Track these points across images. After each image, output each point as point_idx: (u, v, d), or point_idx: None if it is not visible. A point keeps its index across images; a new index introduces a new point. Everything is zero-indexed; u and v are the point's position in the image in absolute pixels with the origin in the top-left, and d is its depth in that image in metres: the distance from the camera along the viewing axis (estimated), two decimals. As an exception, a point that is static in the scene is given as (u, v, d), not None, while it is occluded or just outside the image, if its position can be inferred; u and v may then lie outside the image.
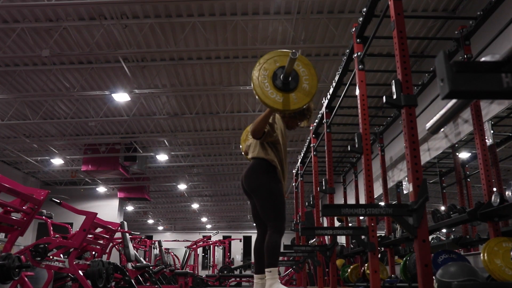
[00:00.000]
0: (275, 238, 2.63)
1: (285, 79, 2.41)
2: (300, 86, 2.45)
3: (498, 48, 4.15)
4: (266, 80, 2.41)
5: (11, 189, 3.29)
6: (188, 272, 9.17)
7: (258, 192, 2.75)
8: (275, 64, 2.46)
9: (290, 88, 2.42)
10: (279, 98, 2.39)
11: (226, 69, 8.13)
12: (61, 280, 4.99)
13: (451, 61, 1.49)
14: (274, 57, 2.49)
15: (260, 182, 2.73)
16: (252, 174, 2.78)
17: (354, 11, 6.52)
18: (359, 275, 5.64)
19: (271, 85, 2.40)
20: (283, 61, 2.46)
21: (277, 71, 2.44)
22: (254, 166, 2.80)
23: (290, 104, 2.40)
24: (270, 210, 2.71)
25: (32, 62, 7.89)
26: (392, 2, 2.52)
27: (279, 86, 2.41)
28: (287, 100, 2.39)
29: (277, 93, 2.40)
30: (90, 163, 11.87)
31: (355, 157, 7.80)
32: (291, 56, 2.25)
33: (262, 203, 2.74)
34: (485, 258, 2.66)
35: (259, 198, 2.75)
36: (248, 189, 2.82)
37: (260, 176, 2.74)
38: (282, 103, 2.39)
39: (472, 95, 1.53)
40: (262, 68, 2.45)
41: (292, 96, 2.41)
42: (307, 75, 2.49)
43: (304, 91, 2.44)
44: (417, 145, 2.23)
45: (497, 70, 1.42)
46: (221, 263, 17.82)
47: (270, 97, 2.38)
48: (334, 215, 4.31)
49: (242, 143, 3.53)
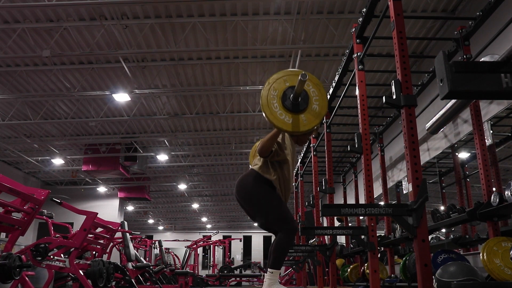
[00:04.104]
0: (283, 240, 2.55)
1: (294, 100, 2.34)
2: (310, 107, 2.38)
3: (497, 48, 4.16)
4: (275, 100, 2.35)
5: (12, 189, 3.30)
6: (188, 272, 9.18)
7: (251, 201, 2.65)
8: (285, 84, 2.40)
9: (299, 109, 2.35)
10: (288, 119, 2.32)
11: (226, 69, 8.14)
12: (62, 280, 5.00)
13: (450, 61, 1.51)
14: (284, 76, 2.43)
15: (251, 191, 2.63)
16: (243, 183, 2.68)
17: (354, 11, 6.53)
18: (358, 275, 5.65)
19: (280, 106, 2.34)
20: (293, 81, 2.39)
21: (286, 91, 2.38)
22: (247, 175, 2.70)
23: (299, 126, 2.33)
24: (271, 216, 2.61)
25: (33, 62, 7.89)
26: (392, 3, 2.54)
27: (288, 107, 2.34)
28: (296, 121, 2.33)
29: (286, 114, 2.33)
30: (91, 163, 11.88)
31: (355, 157, 7.81)
32: (301, 78, 2.19)
33: (260, 212, 2.65)
34: (484, 258, 2.67)
35: (255, 208, 2.66)
36: (240, 199, 2.71)
37: (251, 185, 2.64)
38: (291, 124, 2.32)
39: (472, 95, 1.54)
40: (272, 87, 2.38)
41: (301, 118, 2.35)
42: (317, 96, 2.42)
43: (314, 112, 2.38)
44: (416, 145, 2.24)
45: (497, 71, 1.43)
46: (221, 263, 17.83)
47: (279, 118, 2.32)
48: (334, 215, 4.32)
49: (251, 158, 3.44)
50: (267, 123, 11.25)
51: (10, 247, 3.47)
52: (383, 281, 4.67)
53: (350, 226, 7.88)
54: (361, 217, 6.57)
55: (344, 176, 8.91)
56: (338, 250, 6.69)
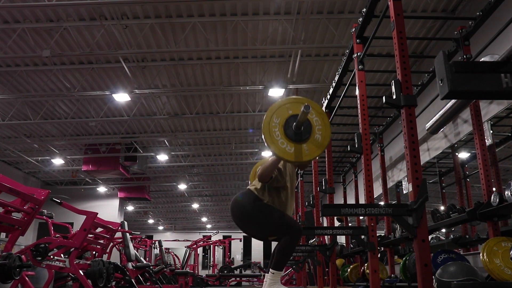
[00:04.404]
0: (288, 243, 2.55)
1: (297, 129, 2.29)
2: (312, 136, 2.32)
3: (497, 48, 4.16)
4: (278, 128, 2.29)
5: (12, 189, 3.30)
6: (188, 272, 9.18)
7: (251, 220, 2.62)
8: (288, 112, 2.34)
9: (302, 138, 2.30)
10: (289, 149, 2.27)
11: (226, 69, 8.14)
12: (62, 280, 5.00)
13: (450, 61, 1.51)
14: (287, 104, 2.37)
15: (250, 211, 2.60)
16: (239, 204, 2.66)
17: (354, 11, 6.53)
18: (358, 275, 5.65)
19: (282, 134, 2.29)
20: (296, 109, 2.33)
21: (289, 120, 2.31)
22: (243, 195, 2.68)
23: (301, 156, 2.28)
24: (276, 227, 2.58)
25: (33, 62, 7.90)
26: (392, 3, 2.54)
27: (290, 136, 2.28)
28: (298, 151, 2.28)
29: (288, 143, 2.28)
30: (91, 163, 11.88)
31: (355, 157, 7.81)
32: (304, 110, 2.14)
33: (263, 227, 2.62)
34: (484, 258, 2.67)
35: (256, 225, 2.63)
36: (238, 221, 2.69)
37: (248, 204, 2.62)
38: (293, 154, 2.27)
39: (472, 95, 1.54)
40: (274, 115, 2.33)
41: (303, 147, 2.29)
42: (320, 125, 2.36)
43: (317, 142, 2.32)
44: (416, 145, 2.24)
45: (497, 71, 1.43)
46: (221, 263, 17.83)
47: (280, 147, 2.27)
48: (334, 215, 4.32)
49: (252, 179, 3.36)
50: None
51: (10, 247, 3.47)
52: (383, 281, 4.67)
53: (350, 226, 7.89)
54: (361, 217, 6.57)
55: (344, 176, 8.91)
56: (338, 250, 6.69)
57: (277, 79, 8.18)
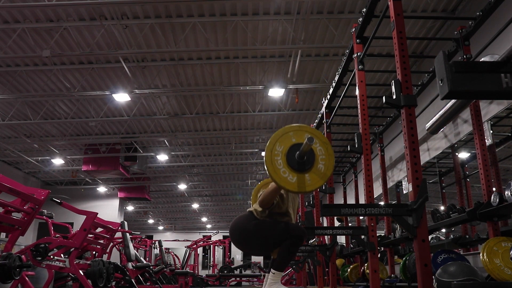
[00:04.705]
0: (292, 245, 2.56)
1: (300, 158, 2.25)
2: (315, 166, 2.27)
3: (497, 48, 4.16)
4: (280, 157, 2.25)
5: (12, 189, 3.30)
6: (188, 272, 9.18)
7: (252, 238, 2.61)
8: (291, 140, 2.29)
9: (305, 168, 2.25)
10: (291, 178, 2.23)
11: (226, 69, 8.14)
12: (62, 280, 5.00)
13: (450, 61, 1.51)
14: (290, 131, 2.32)
15: (250, 230, 2.60)
16: (237, 226, 2.65)
17: (354, 11, 6.53)
18: (358, 275, 5.65)
19: (284, 163, 2.24)
20: (300, 137, 2.29)
21: (292, 148, 2.27)
22: (241, 217, 2.68)
23: (303, 186, 2.23)
24: (277, 240, 2.58)
25: (33, 62, 7.90)
26: (392, 3, 2.53)
27: (293, 166, 2.24)
28: (300, 181, 2.23)
29: (291, 172, 2.23)
30: (91, 163, 11.89)
31: (355, 157, 7.80)
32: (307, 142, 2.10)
33: (268, 241, 2.61)
34: (484, 258, 2.67)
35: (259, 243, 2.63)
36: (238, 244, 2.68)
37: (247, 224, 2.61)
38: (295, 184, 2.23)
39: (472, 95, 1.54)
40: (277, 143, 2.28)
41: (306, 177, 2.24)
42: (324, 155, 2.31)
43: (319, 172, 2.27)
44: (416, 145, 2.24)
45: (497, 71, 1.43)
46: (221, 263, 17.83)
47: (282, 176, 2.22)
48: (334, 215, 4.32)
49: (253, 201, 3.31)
50: (267, 122, 11.22)
51: (10, 247, 3.47)
52: (383, 281, 4.67)
53: (350, 226, 7.88)
54: (361, 217, 6.57)
55: (344, 176, 8.90)
56: (338, 250, 6.69)
57: (277, 79, 8.18)
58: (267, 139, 11.89)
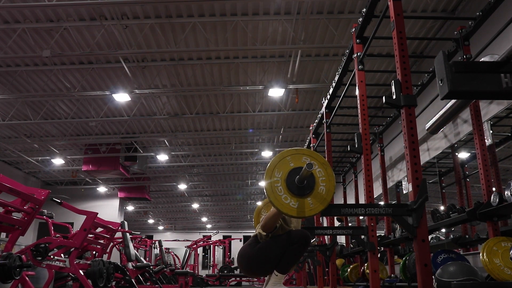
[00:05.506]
0: (297, 249, 2.63)
1: (300, 183, 2.22)
2: (316, 189, 2.24)
3: (497, 48, 4.16)
4: (280, 183, 2.23)
5: (12, 189, 3.30)
6: (188, 272, 9.17)
7: (259, 262, 2.67)
8: (289, 165, 2.27)
9: (305, 192, 2.23)
10: (293, 204, 2.20)
11: (226, 69, 8.14)
12: (62, 280, 5.00)
13: (450, 61, 1.51)
14: (287, 156, 2.30)
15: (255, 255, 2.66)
16: (243, 253, 2.72)
17: (354, 11, 6.53)
18: (358, 275, 5.65)
19: (285, 189, 2.22)
20: (298, 161, 2.28)
21: (291, 173, 2.25)
22: (246, 245, 2.75)
23: (305, 211, 2.21)
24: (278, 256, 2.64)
25: (33, 62, 7.90)
26: (392, 3, 2.54)
27: (294, 191, 2.21)
28: (302, 206, 2.21)
29: (292, 198, 2.21)
30: (91, 163, 11.89)
31: (355, 157, 7.81)
32: (306, 168, 2.09)
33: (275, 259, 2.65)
34: (484, 258, 2.68)
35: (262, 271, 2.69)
36: (246, 271, 2.78)
37: (252, 251, 2.69)
38: (297, 209, 2.20)
39: (471, 95, 1.54)
40: (276, 169, 2.26)
41: (307, 202, 2.22)
42: (324, 176, 2.27)
43: (321, 196, 2.24)
44: (416, 145, 2.24)
45: (497, 71, 1.43)
46: (221, 263, 17.83)
47: (283, 203, 2.20)
48: (334, 215, 4.32)
49: (255, 223, 3.32)
50: (267, 122, 11.19)
51: (10, 247, 3.47)
52: (383, 281, 4.67)
53: (350, 226, 7.88)
54: (361, 217, 6.57)
55: (344, 176, 8.90)
56: (338, 250, 6.68)
57: (277, 79, 8.18)
58: (267, 139, 11.93)
